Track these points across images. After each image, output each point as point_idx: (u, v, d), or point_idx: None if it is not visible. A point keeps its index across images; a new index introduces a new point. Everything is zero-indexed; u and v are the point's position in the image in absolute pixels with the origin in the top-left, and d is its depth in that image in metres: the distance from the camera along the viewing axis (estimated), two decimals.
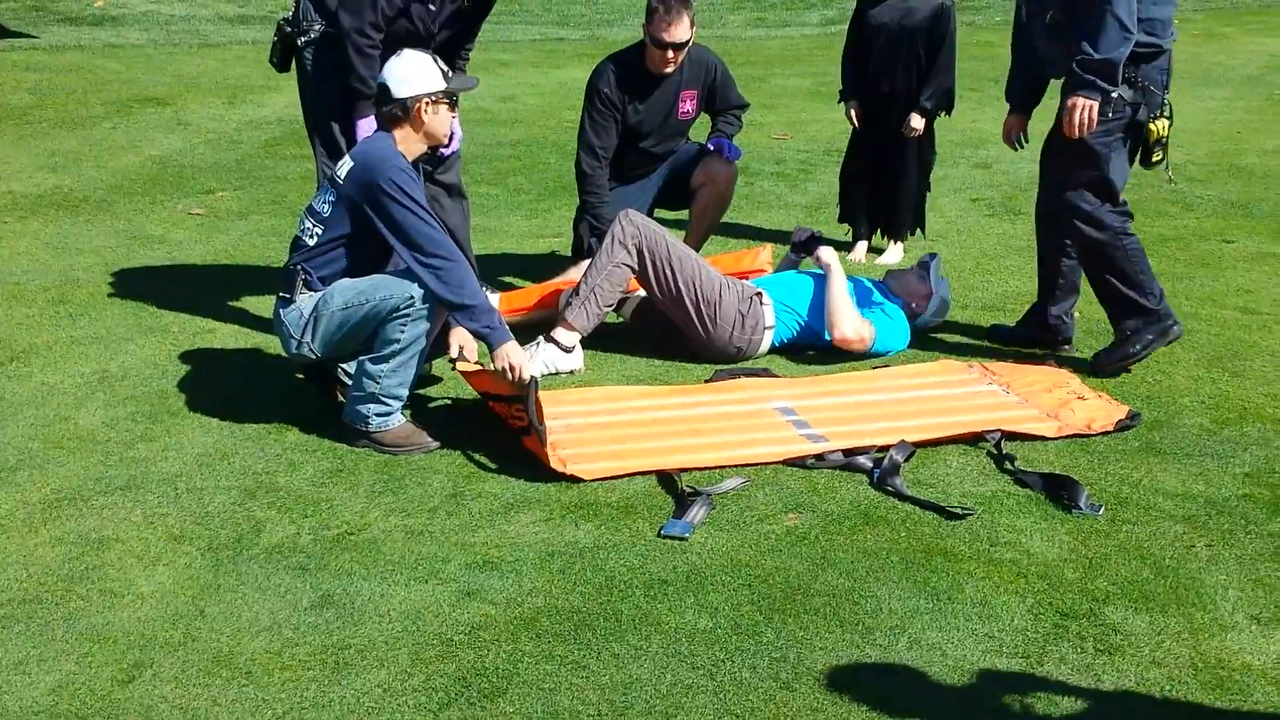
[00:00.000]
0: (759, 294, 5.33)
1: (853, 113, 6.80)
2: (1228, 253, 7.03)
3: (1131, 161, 5.08)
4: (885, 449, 4.32)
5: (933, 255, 5.71)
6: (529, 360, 4.45)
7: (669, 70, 5.90)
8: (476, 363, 4.62)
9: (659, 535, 3.85)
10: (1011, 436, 4.51)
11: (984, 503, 4.05)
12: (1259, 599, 3.53)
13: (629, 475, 4.21)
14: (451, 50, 5.46)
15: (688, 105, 6.08)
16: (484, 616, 3.40)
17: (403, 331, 4.28)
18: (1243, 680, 3.15)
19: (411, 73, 4.44)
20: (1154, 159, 5.06)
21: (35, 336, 5.37)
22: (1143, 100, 4.90)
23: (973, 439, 4.51)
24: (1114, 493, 4.15)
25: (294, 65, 5.47)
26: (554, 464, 4.17)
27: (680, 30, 5.78)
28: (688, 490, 4.06)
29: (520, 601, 3.47)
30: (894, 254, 6.81)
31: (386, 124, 4.50)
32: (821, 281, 5.45)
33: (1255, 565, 3.71)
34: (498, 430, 4.53)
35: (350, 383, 4.50)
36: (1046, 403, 4.81)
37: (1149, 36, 4.83)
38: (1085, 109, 4.77)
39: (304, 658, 3.20)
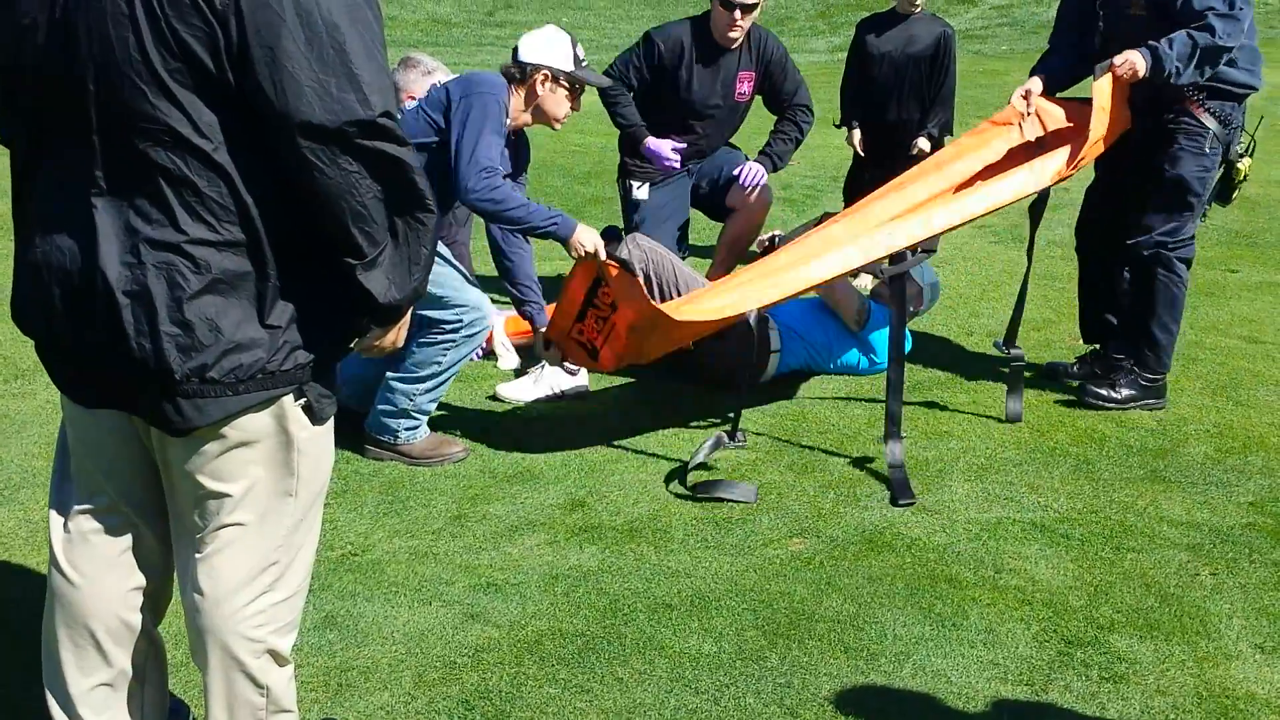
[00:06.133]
0: (764, 319, 5.32)
1: (855, 137, 6.83)
2: (1232, 282, 7.04)
3: (1213, 201, 5.10)
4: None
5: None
6: (596, 234, 4.50)
7: (735, 36, 5.82)
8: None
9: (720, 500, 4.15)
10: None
11: (990, 530, 4.05)
12: (1263, 628, 3.52)
13: (713, 321, 4.48)
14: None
15: (745, 87, 6.03)
16: (487, 639, 3.39)
17: (444, 355, 4.29)
18: (1247, 710, 3.14)
19: (540, 43, 4.53)
20: (1233, 196, 5.14)
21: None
22: (1233, 139, 4.95)
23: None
24: (1118, 520, 4.14)
25: None
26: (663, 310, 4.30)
27: None
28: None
29: (524, 624, 3.47)
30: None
31: (507, 81, 4.55)
32: (827, 308, 5.48)
33: (1260, 594, 3.70)
34: (502, 451, 4.55)
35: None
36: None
37: (1249, 78, 4.91)
38: (1131, 68, 4.72)
39: (306, 679, 3.19)
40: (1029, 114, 5.04)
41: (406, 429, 4.40)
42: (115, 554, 2.51)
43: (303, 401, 2.35)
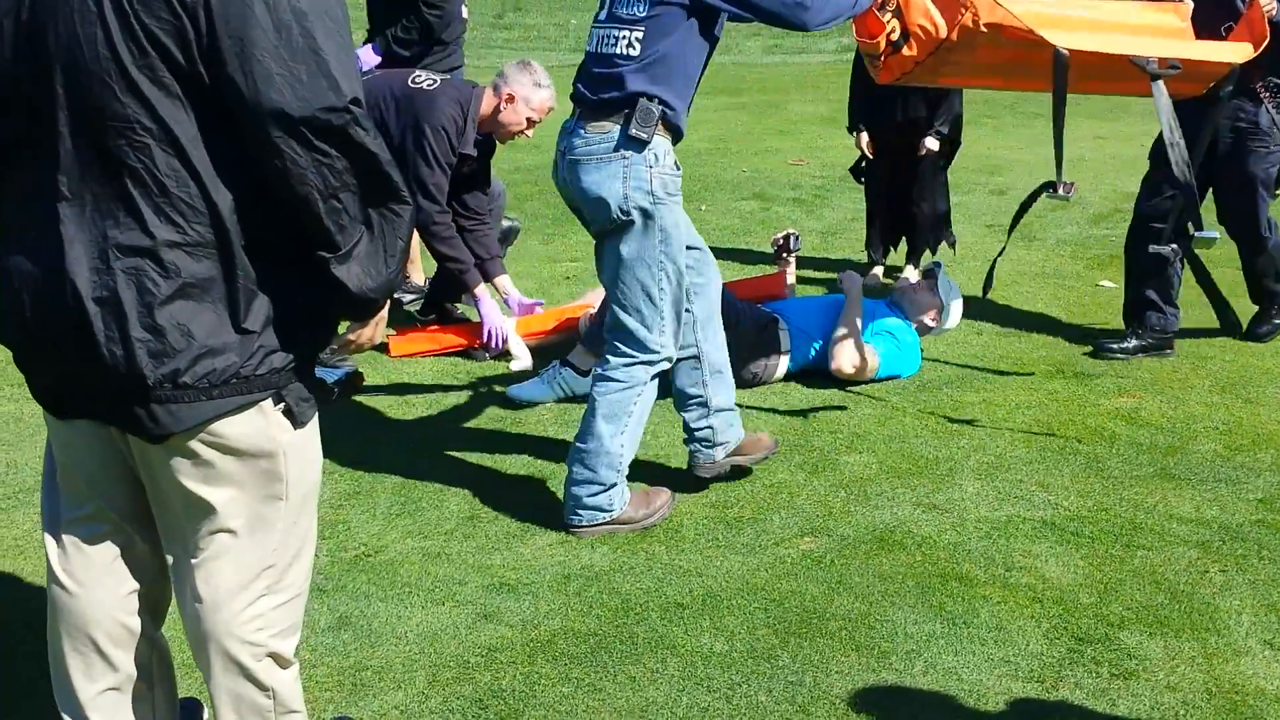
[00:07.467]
0: (775, 320, 5.34)
1: (864, 140, 6.85)
2: (1242, 279, 7.02)
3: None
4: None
5: (937, 264, 5.77)
6: None
7: None
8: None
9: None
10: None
11: (1000, 528, 4.06)
12: (1272, 624, 3.53)
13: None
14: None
15: None
16: (500, 639, 3.42)
17: (634, 404, 4.00)
18: (1256, 705, 3.16)
19: None
20: None
21: None
22: None
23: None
24: (1128, 518, 4.15)
25: None
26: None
27: None
28: None
29: (537, 624, 3.49)
30: (912, 276, 6.84)
31: None
32: (838, 306, 5.48)
33: (1269, 591, 3.71)
34: (514, 452, 4.57)
35: None
36: None
37: None
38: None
39: (321, 679, 3.22)
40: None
41: (616, 497, 4.02)
42: (108, 561, 2.52)
43: (282, 405, 2.34)
